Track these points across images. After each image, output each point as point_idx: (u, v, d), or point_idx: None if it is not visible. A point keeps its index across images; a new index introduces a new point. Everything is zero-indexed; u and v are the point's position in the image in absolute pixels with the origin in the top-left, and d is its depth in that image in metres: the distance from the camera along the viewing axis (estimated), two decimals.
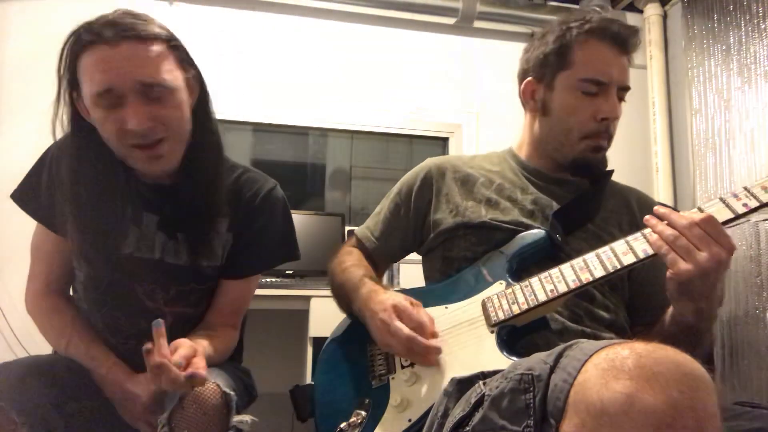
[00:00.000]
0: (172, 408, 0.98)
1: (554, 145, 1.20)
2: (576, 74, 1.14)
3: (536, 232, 1.12)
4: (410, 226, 1.29)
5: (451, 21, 3.09)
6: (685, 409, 0.57)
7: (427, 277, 1.30)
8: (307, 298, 2.27)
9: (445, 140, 3.20)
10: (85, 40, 1.05)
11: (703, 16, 2.81)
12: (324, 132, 3.16)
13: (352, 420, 1.04)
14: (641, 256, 0.92)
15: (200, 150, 1.17)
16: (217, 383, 1.02)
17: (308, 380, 1.42)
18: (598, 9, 3.11)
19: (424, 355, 0.99)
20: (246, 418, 1.03)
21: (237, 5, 2.97)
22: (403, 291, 1.14)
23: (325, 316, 2.17)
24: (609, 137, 1.17)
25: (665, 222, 0.90)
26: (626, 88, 1.17)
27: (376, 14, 3.05)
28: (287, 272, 2.58)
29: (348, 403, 1.08)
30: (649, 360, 0.60)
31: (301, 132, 3.14)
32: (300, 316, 2.36)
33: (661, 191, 3.03)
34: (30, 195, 1.21)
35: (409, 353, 1.01)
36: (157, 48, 1.06)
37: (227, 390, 1.02)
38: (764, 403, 0.91)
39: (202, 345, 1.09)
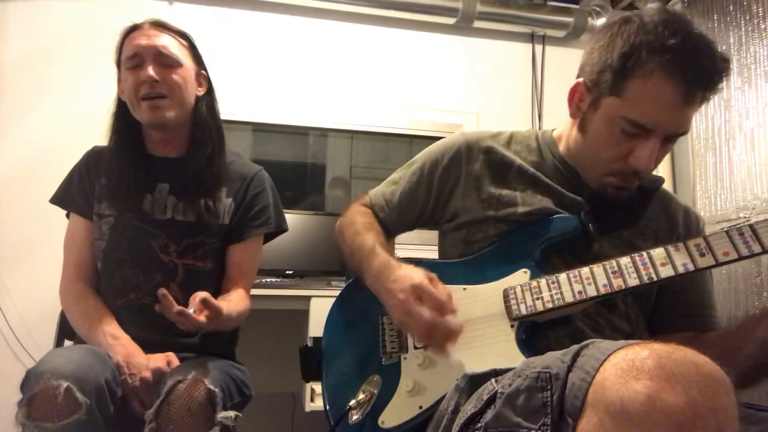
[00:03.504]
0: (159, 403, 1.04)
1: (580, 164, 1.11)
2: (622, 109, 0.98)
3: (567, 218, 1.05)
4: (430, 203, 1.21)
5: (451, 21, 3.09)
6: (706, 410, 0.56)
7: (443, 254, 1.24)
8: (307, 298, 2.25)
9: None
10: (127, 30, 1.43)
11: (703, 16, 2.81)
12: (324, 132, 3.15)
13: (360, 398, 1.01)
14: (680, 270, 0.86)
15: (205, 129, 1.45)
16: (203, 380, 1.07)
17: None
18: (598, 9, 3.11)
19: (444, 340, 0.95)
20: (231, 413, 1.09)
21: (237, 5, 2.96)
22: (418, 263, 1.07)
23: (325, 316, 2.15)
24: (639, 179, 1.05)
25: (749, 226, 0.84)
26: (681, 134, 1.01)
27: (376, 14, 3.04)
28: (287, 272, 2.57)
29: (357, 376, 1.05)
30: (669, 361, 0.59)
31: (301, 132, 3.13)
32: (300, 316, 2.35)
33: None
34: (66, 195, 1.46)
35: (428, 337, 0.96)
36: (175, 38, 1.43)
37: (212, 387, 1.07)
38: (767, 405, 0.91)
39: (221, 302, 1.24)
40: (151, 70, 1.35)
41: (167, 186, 1.42)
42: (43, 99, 2.65)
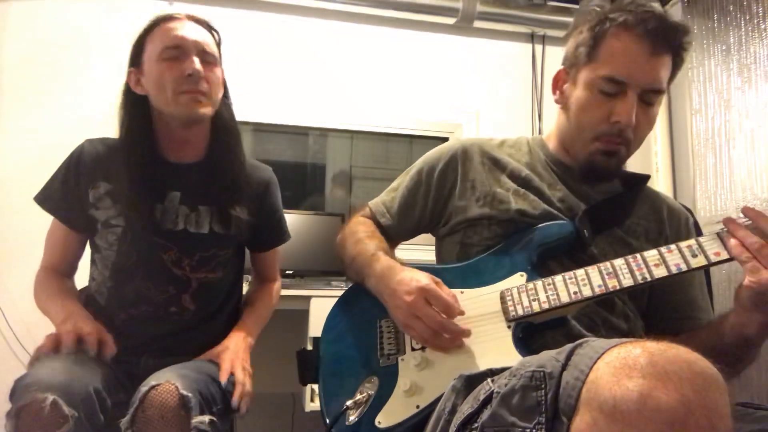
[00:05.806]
0: (134, 410, 1.03)
1: (569, 143, 1.16)
2: (596, 70, 1.07)
3: (563, 224, 1.08)
4: (428, 206, 1.24)
5: (451, 21, 3.09)
6: (698, 408, 0.56)
7: (440, 259, 1.26)
8: (307, 298, 2.26)
9: (445, 140, 3.17)
10: (156, 20, 1.35)
11: (703, 16, 2.81)
12: (324, 132, 3.16)
13: (357, 398, 1.02)
14: (673, 271, 0.88)
15: (224, 133, 1.42)
16: (176, 385, 1.06)
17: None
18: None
19: (452, 341, 0.97)
20: (206, 418, 1.06)
21: (237, 5, 2.96)
22: (418, 268, 1.09)
23: (325, 316, 2.15)
24: (626, 143, 1.09)
25: (745, 227, 0.85)
26: (656, 91, 1.07)
27: (377, 14, 3.05)
28: (287, 272, 2.57)
29: (354, 379, 1.06)
30: (661, 358, 0.59)
31: (301, 132, 3.13)
32: (300, 316, 2.35)
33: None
34: (50, 196, 1.38)
35: (436, 338, 0.98)
36: (213, 35, 1.40)
37: (185, 392, 1.05)
38: (766, 405, 0.91)
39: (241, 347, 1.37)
40: (198, 64, 1.29)
41: (178, 194, 1.36)
42: (43, 99, 2.65)
